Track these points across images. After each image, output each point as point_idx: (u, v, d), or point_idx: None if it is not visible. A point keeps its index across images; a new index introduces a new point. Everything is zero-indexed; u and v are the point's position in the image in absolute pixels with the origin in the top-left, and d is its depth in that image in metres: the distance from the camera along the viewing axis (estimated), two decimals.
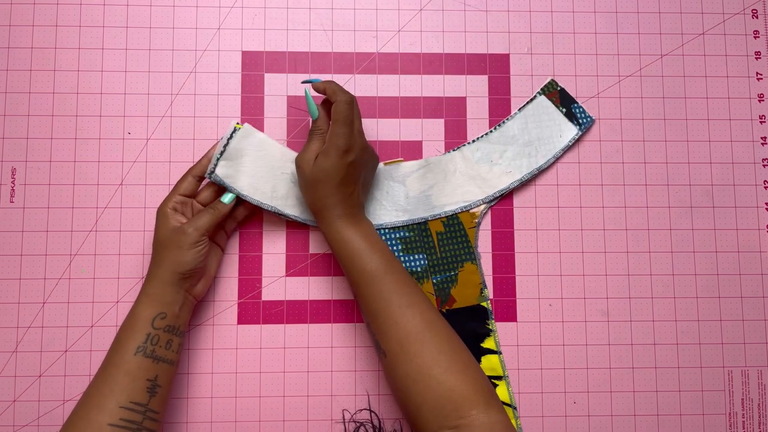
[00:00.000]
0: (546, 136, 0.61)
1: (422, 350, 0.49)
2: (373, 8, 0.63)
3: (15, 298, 0.58)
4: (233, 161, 0.56)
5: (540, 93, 0.62)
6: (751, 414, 0.60)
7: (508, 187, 0.61)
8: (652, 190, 0.62)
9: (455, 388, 0.48)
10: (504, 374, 0.59)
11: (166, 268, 0.52)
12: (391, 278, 0.52)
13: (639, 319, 0.61)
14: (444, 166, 0.61)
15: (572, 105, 0.62)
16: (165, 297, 0.52)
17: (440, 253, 0.60)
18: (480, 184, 0.61)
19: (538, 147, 0.61)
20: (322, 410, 0.58)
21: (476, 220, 0.60)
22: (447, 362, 0.49)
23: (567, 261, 0.61)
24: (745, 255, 0.62)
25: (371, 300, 0.52)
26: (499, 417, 0.47)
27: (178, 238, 0.52)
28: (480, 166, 0.61)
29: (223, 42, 0.62)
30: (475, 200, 0.60)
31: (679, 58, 0.64)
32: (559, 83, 0.62)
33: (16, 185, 0.60)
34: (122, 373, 0.49)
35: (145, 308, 0.51)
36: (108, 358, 0.50)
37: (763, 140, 0.63)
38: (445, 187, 0.60)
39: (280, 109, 0.62)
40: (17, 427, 0.57)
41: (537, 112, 0.62)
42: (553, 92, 0.62)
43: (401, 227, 0.60)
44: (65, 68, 0.61)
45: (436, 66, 0.63)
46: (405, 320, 0.50)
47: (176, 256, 0.52)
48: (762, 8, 0.65)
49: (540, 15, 0.64)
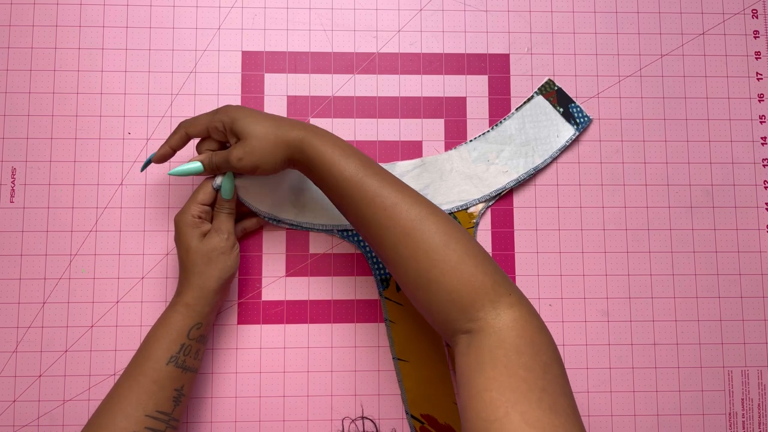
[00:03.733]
0: (543, 136, 0.61)
1: (413, 252, 0.45)
2: (373, 8, 0.63)
3: (15, 298, 0.58)
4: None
5: (537, 93, 0.62)
6: (751, 414, 0.60)
7: (504, 187, 0.61)
8: (652, 190, 0.62)
9: (453, 288, 0.44)
10: None
11: (211, 276, 0.52)
12: (372, 180, 0.48)
13: (639, 319, 0.61)
14: (440, 165, 0.61)
15: (570, 105, 0.62)
16: (205, 307, 0.52)
17: None
18: (476, 183, 0.61)
19: (535, 147, 0.61)
20: (322, 410, 0.58)
21: (474, 220, 0.60)
22: (440, 259, 0.44)
23: (567, 261, 0.61)
24: (745, 255, 0.62)
25: (356, 207, 0.48)
26: (510, 316, 0.42)
27: (220, 245, 0.53)
28: (477, 165, 0.61)
29: (223, 42, 0.62)
30: (472, 199, 0.60)
31: (679, 58, 0.64)
32: (556, 83, 0.62)
33: (16, 185, 0.60)
34: (152, 382, 0.49)
35: (183, 319, 0.51)
36: (136, 366, 0.50)
37: (763, 140, 0.63)
38: (441, 187, 0.60)
39: (280, 109, 0.62)
40: (17, 427, 0.57)
41: (534, 112, 0.62)
42: (550, 92, 0.62)
43: None
44: (65, 68, 0.61)
45: (436, 66, 0.63)
46: (391, 222, 0.46)
47: (223, 263, 0.52)
48: (762, 8, 0.65)
49: (540, 15, 0.64)
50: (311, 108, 0.62)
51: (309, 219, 0.59)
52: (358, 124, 0.62)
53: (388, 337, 0.59)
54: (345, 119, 0.62)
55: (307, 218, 0.59)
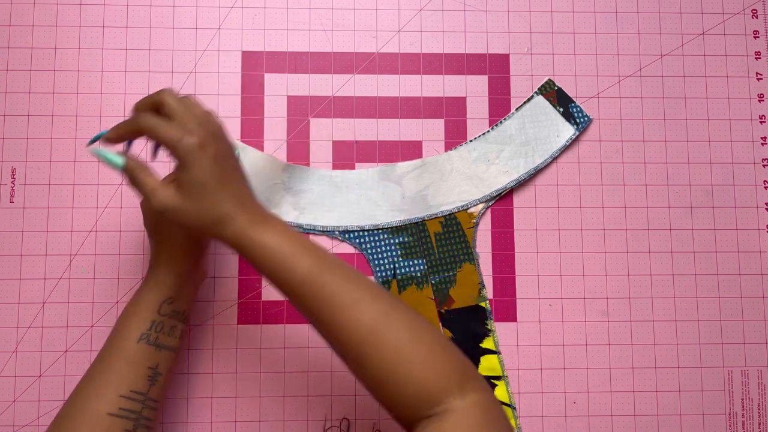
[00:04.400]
0: (543, 136, 0.61)
1: (379, 351, 0.42)
2: (373, 8, 0.63)
3: (15, 298, 0.58)
4: None
5: (537, 93, 0.62)
6: (751, 414, 0.60)
7: (505, 187, 0.61)
8: (652, 190, 0.62)
9: (423, 382, 0.42)
10: (503, 374, 0.59)
11: (171, 239, 0.49)
12: (328, 277, 0.44)
13: (639, 319, 0.61)
14: (440, 165, 0.61)
15: (570, 104, 0.62)
16: (174, 279, 0.49)
17: (438, 253, 0.60)
18: (477, 183, 0.61)
19: (535, 147, 0.61)
20: (322, 410, 0.58)
21: (474, 220, 0.60)
22: (409, 355, 0.42)
23: (567, 261, 0.61)
24: (745, 255, 0.62)
25: (311, 308, 0.44)
26: (475, 398, 0.42)
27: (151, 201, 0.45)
28: (477, 165, 0.61)
29: (223, 42, 0.62)
30: (472, 200, 0.60)
31: (679, 58, 0.64)
32: (556, 83, 0.62)
33: (16, 185, 0.60)
34: (123, 361, 0.47)
35: (152, 294, 0.49)
36: (108, 346, 0.49)
37: (763, 140, 0.63)
38: (441, 187, 0.60)
39: (280, 109, 0.62)
40: (17, 427, 0.57)
41: (534, 112, 0.62)
42: (550, 92, 0.62)
43: (400, 232, 0.60)
44: (65, 68, 0.61)
45: (436, 66, 0.63)
46: (352, 323, 0.43)
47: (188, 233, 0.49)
48: (762, 8, 0.65)
49: (540, 15, 0.64)
50: (311, 108, 0.62)
51: (310, 221, 0.59)
52: (358, 124, 0.62)
53: None
54: (345, 119, 0.62)
55: (308, 220, 0.59)
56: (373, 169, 0.61)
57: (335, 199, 0.60)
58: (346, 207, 0.60)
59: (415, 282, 0.59)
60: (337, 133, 0.62)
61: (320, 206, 0.59)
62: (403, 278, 0.59)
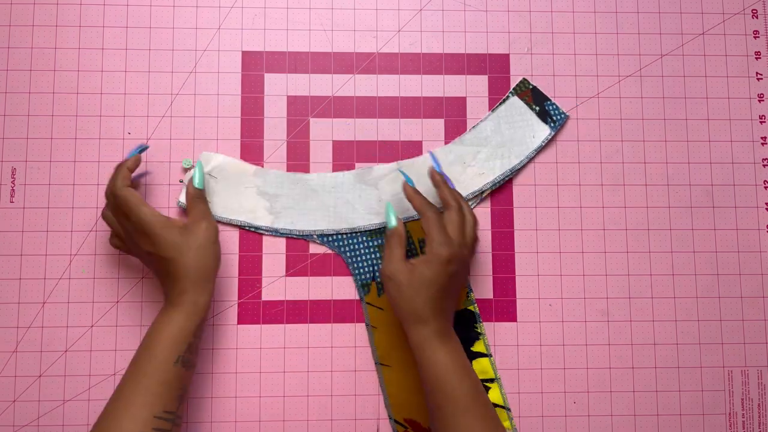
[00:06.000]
0: (519, 137, 0.61)
1: None
2: (373, 8, 0.63)
3: (15, 298, 0.58)
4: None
5: (512, 93, 0.62)
6: (751, 414, 0.60)
7: (481, 189, 0.60)
8: (652, 190, 0.62)
9: None
10: (496, 376, 0.59)
11: (210, 267, 0.52)
12: (476, 412, 0.49)
13: (639, 319, 0.61)
14: (417, 168, 0.61)
15: (545, 103, 0.62)
16: (208, 300, 0.51)
17: None
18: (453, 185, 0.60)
19: (511, 148, 0.61)
20: (322, 410, 0.58)
21: None
22: None
23: (567, 261, 0.61)
24: (745, 255, 0.62)
25: (451, 428, 0.50)
26: None
27: (212, 234, 0.52)
28: (453, 168, 0.61)
29: (223, 42, 0.62)
30: None
31: (679, 58, 0.64)
32: (531, 82, 0.62)
33: (16, 185, 0.60)
34: (160, 383, 0.48)
35: (189, 317, 0.50)
36: (141, 367, 0.49)
37: (763, 140, 0.63)
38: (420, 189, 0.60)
39: (280, 109, 0.62)
40: (17, 427, 0.57)
41: (510, 113, 0.62)
42: (525, 91, 0.62)
43: (379, 234, 0.60)
44: (65, 68, 0.61)
45: (436, 66, 0.63)
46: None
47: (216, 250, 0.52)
48: (762, 8, 0.65)
49: (540, 15, 0.64)
50: (311, 108, 0.62)
51: (286, 225, 0.59)
52: (358, 124, 0.62)
53: (370, 343, 0.59)
54: (345, 119, 0.62)
55: (284, 224, 0.59)
56: (350, 172, 0.60)
57: (312, 203, 0.60)
58: (323, 211, 0.60)
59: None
60: (337, 133, 0.62)
61: (296, 210, 0.59)
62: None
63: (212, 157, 0.59)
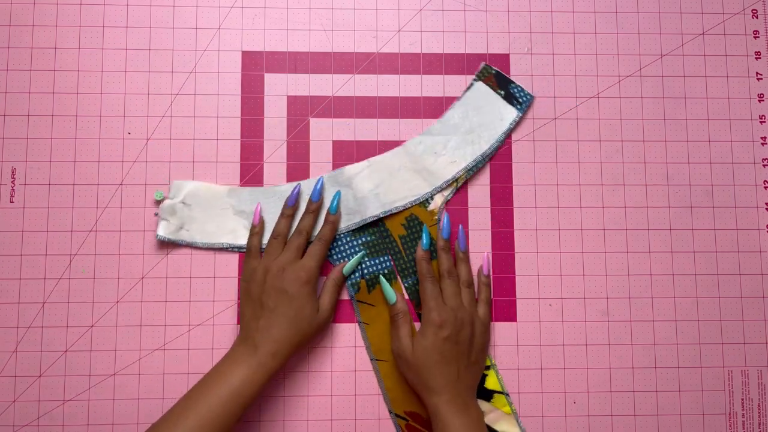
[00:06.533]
0: (487, 122, 0.61)
1: None
2: (373, 8, 0.63)
3: (15, 298, 0.58)
4: (172, 217, 0.58)
5: (476, 79, 0.62)
6: (751, 414, 0.60)
7: (454, 177, 0.60)
8: (652, 190, 0.62)
9: None
10: (492, 363, 0.59)
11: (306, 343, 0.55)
12: None
13: (639, 319, 0.61)
14: (388, 163, 0.61)
15: (509, 85, 0.62)
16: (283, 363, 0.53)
17: (407, 256, 0.60)
18: (426, 176, 0.60)
19: (480, 133, 0.61)
20: (322, 410, 0.58)
21: (436, 217, 0.60)
22: None
23: (567, 261, 0.61)
24: (745, 255, 0.62)
25: None
26: None
27: (329, 320, 0.57)
28: (424, 159, 0.61)
29: (223, 42, 0.62)
30: (424, 193, 0.60)
31: (679, 58, 0.64)
32: (493, 68, 0.62)
33: (16, 185, 0.60)
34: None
35: (264, 383, 0.52)
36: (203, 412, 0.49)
37: (763, 140, 0.63)
38: (392, 184, 0.60)
39: (280, 109, 0.62)
40: (17, 427, 0.57)
41: (476, 99, 0.62)
42: (489, 76, 0.62)
43: (361, 232, 0.60)
44: (65, 68, 0.61)
45: (436, 66, 0.63)
46: None
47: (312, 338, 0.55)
48: (762, 8, 0.65)
49: (540, 15, 0.64)
50: (311, 108, 0.62)
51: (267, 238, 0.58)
52: (358, 124, 0.62)
53: (364, 339, 0.59)
54: (345, 119, 0.62)
55: (266, 238, 0.58)
56: (322, 177, 0.60)
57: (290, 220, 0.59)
58: None
59: (385, 278, 0.59)
60: (337, 133, 0.62)
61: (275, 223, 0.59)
62: (371, 277, 0.59)
63: (183, 185, 0.59)
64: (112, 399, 0.58)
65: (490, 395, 0.58)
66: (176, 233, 0.59)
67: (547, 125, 0.63)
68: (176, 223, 0.59)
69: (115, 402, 0.57)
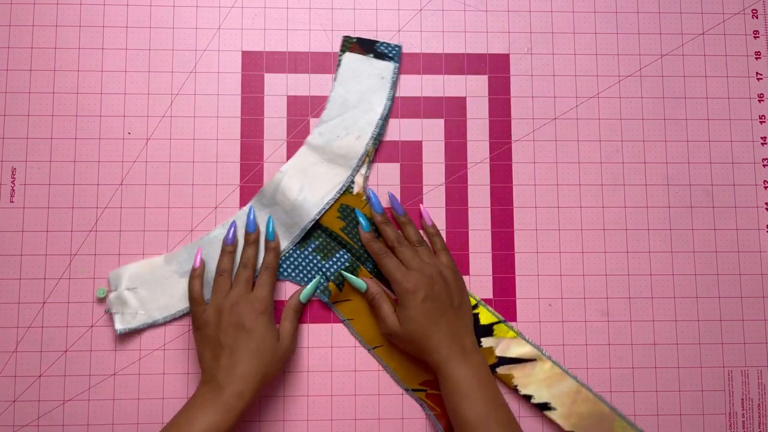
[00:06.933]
0: (371, 86, 0.61)
1: None
2: (373, 8, 0.63)
3: (15, 298, 0.58)
4: (124, 307, 0.57)
5: (342, 53, 0.62)
6: (751, 414, 0.60)
7: (366, 150, 0.60)
8: (652, 190, 0.62)
9: None
10: (477, 300, 0.59)
11: (272, 378, 0.53)
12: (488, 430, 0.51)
13: (639, 319, 0.61)
14: (300, 165, 0.60)
15: (375, 46, 0.62)
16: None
17: (356, 244, 0.59)
18: (341, 162, 0.60)
19: (369, 99, 0.61)
20: (322, 410, 0.58)
21: (364, 198, 0.60)
22: None
23: (567, 261, 0.61)
24: (745, 255, 0.62)
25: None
26: None
27: (292, 349, 0.55)
28: (331, 146, 0.60)
29: (223, 42, 0.62)
30: (346, 177, 0.60)
31: (679, 58, 0.64)
32: (352, 36, 0.62)
33: (16, 185, 0.60)
34: None
35: (232, 425, 0.49)
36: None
37: (763, 140, 0.63)
38: (313, 183, 0.59)
39: (280, 109, 0.62)
40: (17, 427, 0.57)
41: (350, 71, 0.61)
42: (352, 45, 0.62)
43: (308, 240, 0.59)
44: (65, 68, 0.61)
45: (436, 66, 0.63)
46: None
47: (278, 370, 0.53)
48: (762, 8, 0.65)
49: (540, 15, 0.64)
50: (311, 108, 0.62)
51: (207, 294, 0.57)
52: None
53: (354, 335, 0.59)
54: None
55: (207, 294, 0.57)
56: (247, 206, 0.59)
57: (232, 255, 0.57)
58: None
59: (349, 271, 0.59)
60: None
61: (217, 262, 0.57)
62: (336, 277, 0.59)
63: (121, 273, 0.58)
64: (112, 399, 0.58)
65: (490, 330, 0.58)
66: (134, 320, 0.57)
67: (547, 125, 0.63)
68: (131, 311, 0.57)
69: (115, 402, 0.57)
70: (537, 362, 0.58)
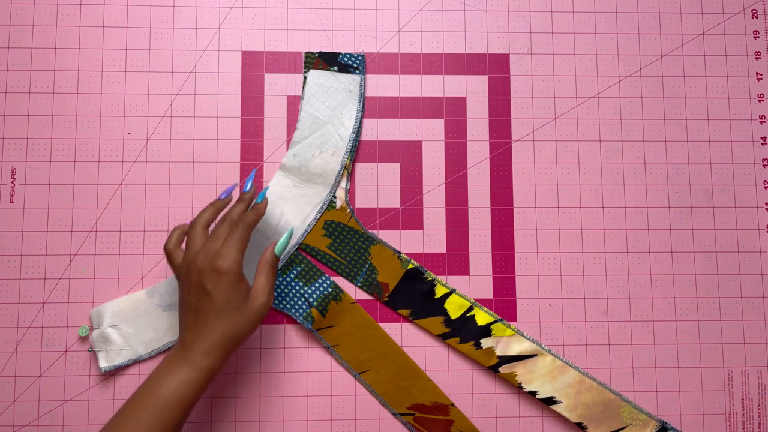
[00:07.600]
0: (339, 100, 0.61)
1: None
2: (373, 8, 0.63)
3: (15, 298, 0.58)
4: (108, 344, 0.57)
5: (306, 70, 0.61)
6: (751, 414, 0.60)
7: (342, 165, 0.60)
8: (652, 190, 0.62)
9: None
10: (472, 302, 0.59)
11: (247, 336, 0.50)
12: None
13: (639, 319, 0.61)
14: (277, 190, 0.59)
15: (338, 58, 0.62)
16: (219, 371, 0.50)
17: (344, 258, 0.59)
18: (319, 180, 0.60)
19: (339, 114, 0.61)
20: (322, 410, 0.58)
21: (348, 211, 0.60)
22: None
23: (567, 261, 0.61)
24: (745, 255, 0.62)
25: None
26: None
27: (268, 307, 0.50)
28: (307, 166, 0.60)
29: (223, 42, 0.62)
30: (326, 195, 0.59)
31: (679, 58, 0.64)
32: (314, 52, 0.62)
33: (16, 185, 0.60)
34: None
35: (203, 385, 0.48)
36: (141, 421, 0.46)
37: (763, 140, 0.63)
38: (293, 207, 0.59)
39: (280, 109, 0.62)
40: (17, 427, 0.57)
41: (317, 87, 0.61)
42: (315, 61, 0.62)
43: (291, 266, 0.59)
44: (65, 68, 0.61)
45: (436, 66, 0.63)
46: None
47: (250, 329, 0.50)
48: (762, 8, 0.65)
49: (540, 15, 0.64)
50: None
51: None
52: None
53: (339, 361, 0.58)
54: None
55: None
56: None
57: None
58: None
59: (332, 298, 0.59)
60: None
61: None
62: (318, 302, 0.58)
63: (102, 310, 0.57)
64: (112, 399, 0.58)
65: (488, 330, 0.58)
66: (119, 357, 0.57)
67: (547, 125, 0.63)
68: (115, 348, 0.57)
69: (115, 402, 0.57)
70: (538, 357, 0.58)
